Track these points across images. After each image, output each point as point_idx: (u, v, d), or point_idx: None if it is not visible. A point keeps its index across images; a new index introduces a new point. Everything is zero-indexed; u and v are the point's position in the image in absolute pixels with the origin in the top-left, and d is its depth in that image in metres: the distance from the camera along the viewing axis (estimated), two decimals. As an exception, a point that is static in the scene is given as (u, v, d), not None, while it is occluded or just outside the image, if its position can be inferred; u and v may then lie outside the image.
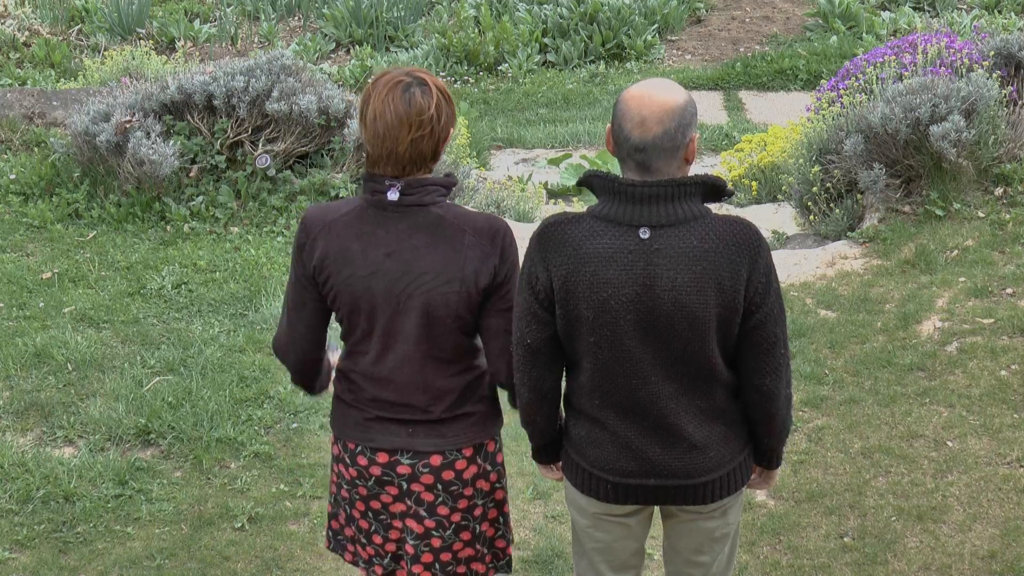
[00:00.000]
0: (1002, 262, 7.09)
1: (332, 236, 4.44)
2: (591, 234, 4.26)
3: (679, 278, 4.22)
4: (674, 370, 4.36)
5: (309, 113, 7.94)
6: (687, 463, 4.41)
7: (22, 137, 8.67)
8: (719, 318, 4.26)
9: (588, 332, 4.33)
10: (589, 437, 4.46)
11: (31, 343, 6.66)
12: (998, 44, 8.13)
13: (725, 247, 4.21)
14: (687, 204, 4.23)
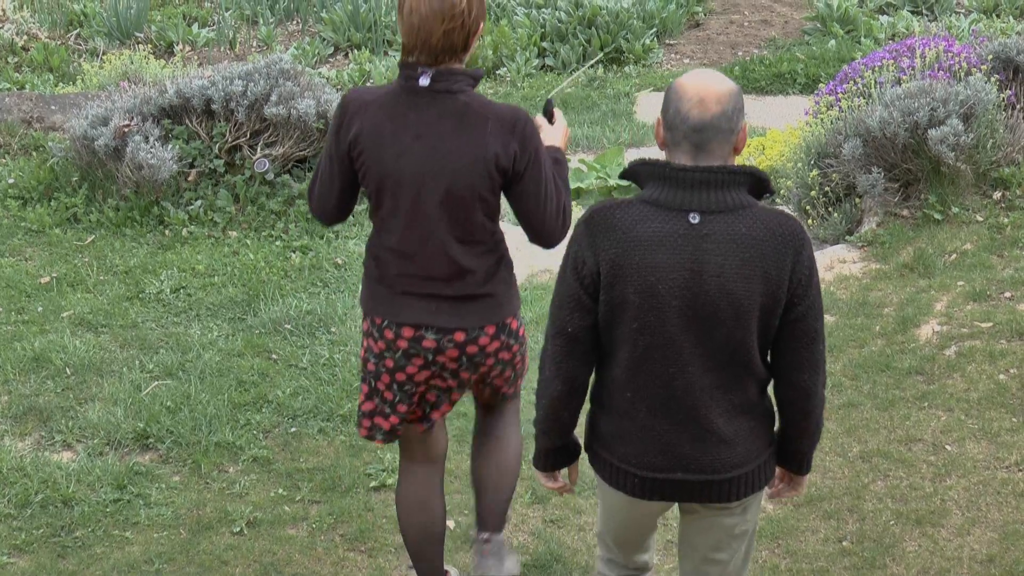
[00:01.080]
0: (1000, 266, 7.10)
1: (367, 116, 4.84)
2: (641, 218, 4.32)
3: (727, 264, 4.29)
4: (712, 360, 4.41)
5: (307, 117, 7.95)
6: (715, 457, 4.44)
7: (20, 141, 8.68)
8: (762, 308, 4.32)
9: (632, 318, 4.37)
10: (618, 432, 4.50)
11: (29, 347, 6.66)
12: (996, 48, 8.13)
13: (772, 237, 4.29)
14: (736, 193, 4.31)
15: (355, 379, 6.42)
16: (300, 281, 7.32)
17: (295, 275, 7.37)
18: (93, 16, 12.86)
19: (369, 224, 5.62)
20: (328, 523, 5.46)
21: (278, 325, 6.91)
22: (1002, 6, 12.68)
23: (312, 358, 6.63)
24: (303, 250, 7.59)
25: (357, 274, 7.33)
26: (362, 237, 7.67)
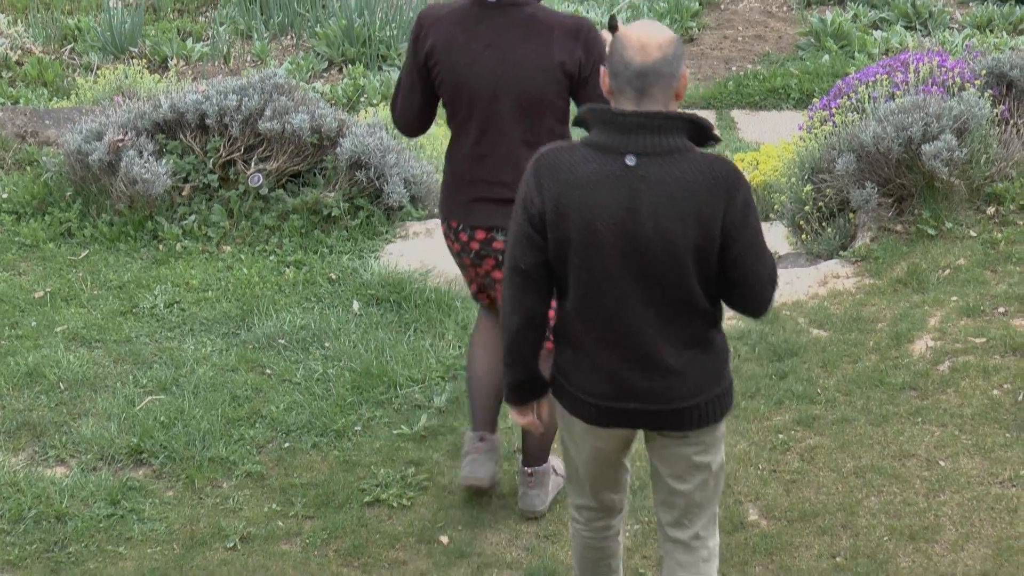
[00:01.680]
0: (994, 281, 7.10)
1: (441, 29, 5.33)
2: (582, 160, 4.58)
3: (661, 205, 4.53)
4: (653, 296, 4.63)
5: (302, 132, 7.96)
6: (664, 388, 4.66)
7: (14, 156, 8.68)
8: (697, 248, 4.54)
9: (575, 255, 4.63)
10: (574, 363, 4.74)
11: (23, 362, 6.66)
12: (990, 63, 8.15)
13: (706, 180, 4.51)
14: (673, 137, 4.53)
15: (349, 394, 6.43)
16: (294, 296, 7.32)
17: (289, 290, 7.38)
18: (87, 31, 12.88)
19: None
20: (322, 538, 5.46)
21: (272, 340, 6.92)
22: (995, 21, 12.72)
23: (306, 373, 6.63)
24: (297, 265, 7.59)
25: (351, 288, 7.34)
26: (355, 253, 7.68)
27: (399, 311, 7.17)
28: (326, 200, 7.89)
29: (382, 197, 7.94)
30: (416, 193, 8.06)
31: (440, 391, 6.50)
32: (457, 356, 6.77)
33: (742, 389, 6.39)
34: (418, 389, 6.52)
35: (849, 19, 12.78)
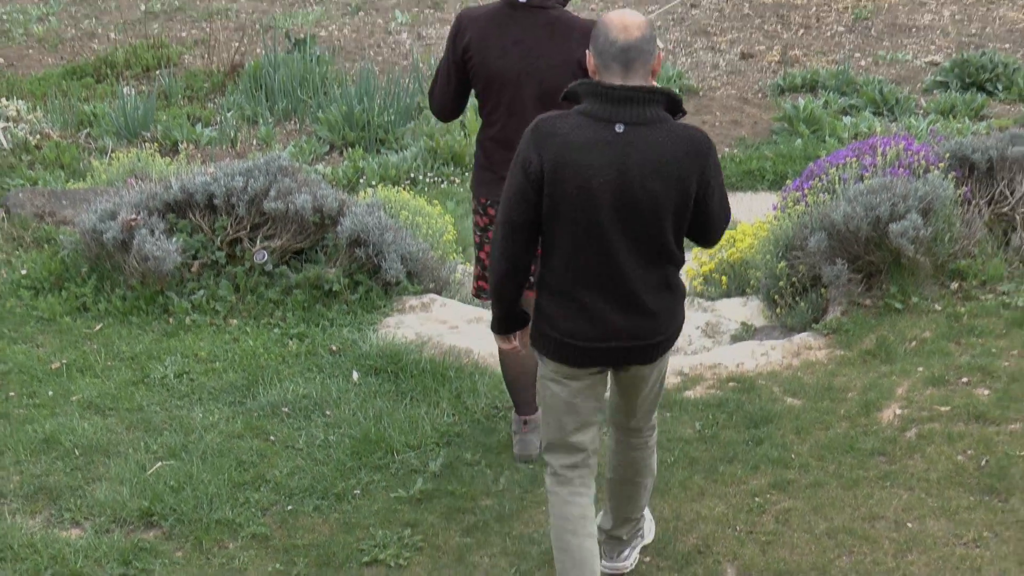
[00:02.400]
0: (958, 352, 7.13)
1: (476, 28, 5.98)
2: (577, 126, 5.04)
3: (646, 167, 5.02)
4: (637, 245, 5.12)
5: (304, 211, 7.99)
6: (641, 327, 5.18)
7: (33, 234, 8.71)
8: (675, 204, 5.08)
9: (571, 208, 5.08)
10: (561, 311, 5.19)
11: (40, 430, 6.67)
12: (953, 147, 8.20)
13: (684, 147, 5.04)
14: (654, 109, 5.04)
15: (348, 460, 6.44)
16: (297, 366, 7.34)
17: (292, 361, 7.39)
18: (102, 117, 12.94)
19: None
20: (323, 597, 5.47)
21: (276, 408, 6.93)
22: (958, 108, 12.80)
23: (308, 439, 6.64)
24: (300, 337, 7.61)
25: (351, 359, 7.36)
26: (354, 326, 7.70)
27: (396, 381, 7.19)
28: (327, 276, 7.92)
29: (380, 273, 7.97)
30: (412, 269, 8.09)
31: (435, 456, 6.50)
32: (451, 423, 6.79)
33: (720, 454, 6.41)
34: (414, 455, 6.53)
35: (820, 105, 12.85)
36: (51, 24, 15.63)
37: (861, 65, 14.21)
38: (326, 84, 13.59)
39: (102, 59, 14.62)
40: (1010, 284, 7.64)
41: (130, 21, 15.77)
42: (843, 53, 14.50)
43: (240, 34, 15.17)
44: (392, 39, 15.13)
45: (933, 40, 14.67)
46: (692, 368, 7.27)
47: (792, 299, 7.83)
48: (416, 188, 11.22)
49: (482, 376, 7.21)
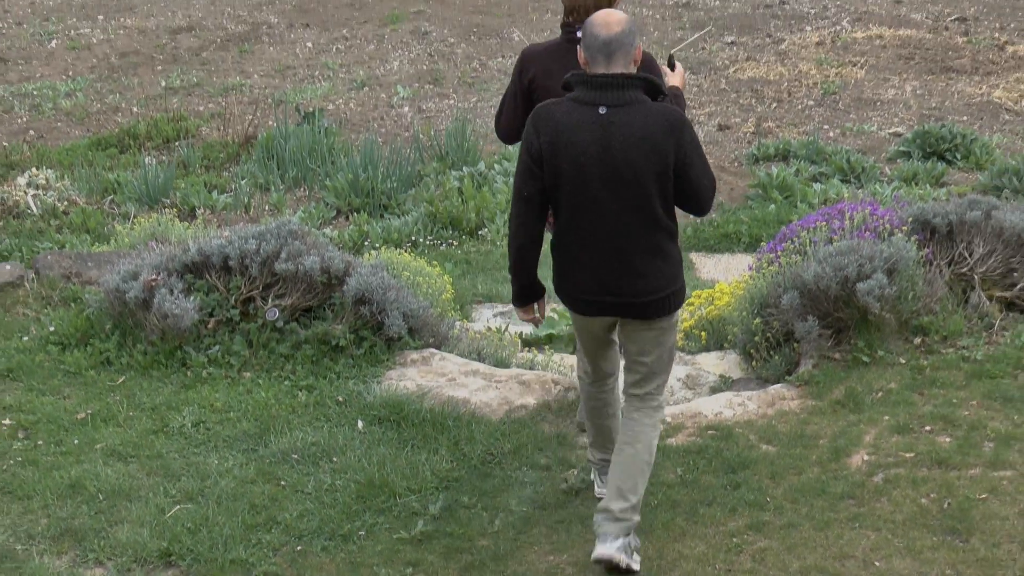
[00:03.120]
0: (921, 403, 7.14)
1: (540, 62, 6.53)
2: (567, 111, 5.64)
3: (627, 142, 5.56)
4: (626, 214, 5.65)
5: (313, 272, 8.01)
6: (633, 286, 5.73)
7: (61, 294, 8.72)
8: (656, 174, 5.59)
9: (566, 182, 5.65)
10: (568, 268, 5.84)
11: (67, 476, 6.66)
12: (915, 211, 8.23)
13: (659, 125, 5.57)
14: (633, 92, 5.59)
15: (354, 503, 6.44)
16: (306, 416, 7.33)
17: (301, 411, 7.39)
18: (125, 184, 12.98)
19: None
20: (330, 631, 5.45)
21: (286, 455, 6.92)
22: (920, 175, 12.86)
23: (316, 484, 6.64)
24: (308, 389, 7.62)
25: (356, 409, 7.36)
26: (359, 378, 7.70)
27: (398, 429, 7.19)
28: (334, 332, 7.93)
29: (383, 329, 7.98)
30: (413, 325, 8.09)
31: (435, 500, 6.50)
32: (449, 469, 6.79)
33: (700, 498, 6.41)
34: (415, 498, 6.53)
35: (792, 173, 12.90)
36: (78, 99, 15.69)
37: (830, 136, 14.28)
38: (333, 154, 13.63)
39: (125, 131, 14.66)
40: (969, 339, 7.66)
41: (151, 96, 15.83)
42: (813, 125, 14.57)
43: (253, 108, 15.24)
44: (394, 112, 15.20)
45: (896, 113, 14.75)
46: (674, 417, 7.28)
47: (767, 353, 7.84)
48: (417, 250, 11.25)
49: (478, 425, 7.22)
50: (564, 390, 7.62)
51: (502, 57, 16.32)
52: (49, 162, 13.68)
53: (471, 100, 15.18)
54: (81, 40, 17.24)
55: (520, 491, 6.62)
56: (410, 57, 16.37)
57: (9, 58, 16.78)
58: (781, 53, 16.38)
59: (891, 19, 17.03)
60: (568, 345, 8.91)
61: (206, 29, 17.49)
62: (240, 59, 16.67)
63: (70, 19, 17.81)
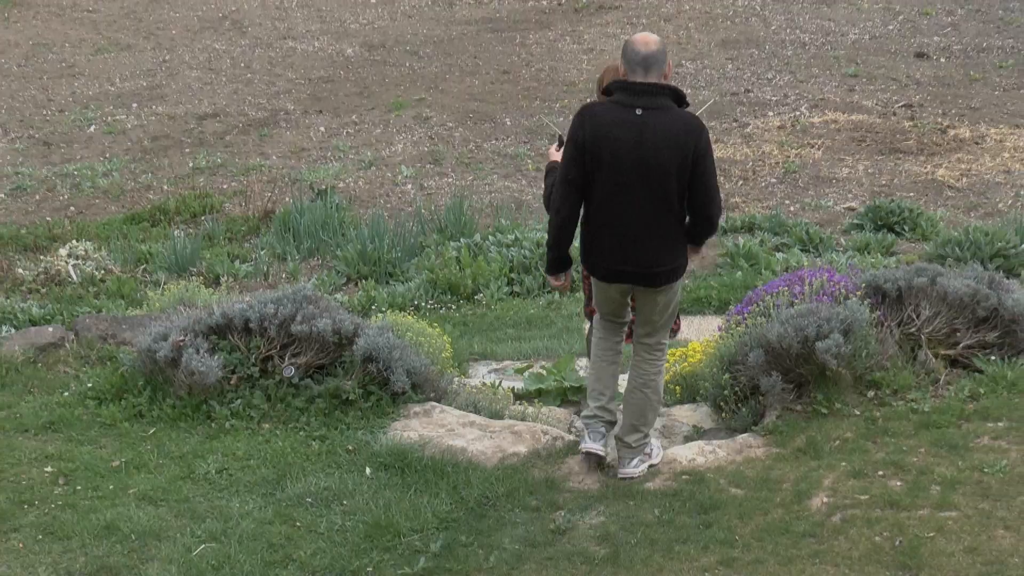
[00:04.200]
0: (874, 450, 7.15)
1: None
2: (609, 111, 6.40)
3: (657, 140, 6.31)
4: (648, 199, 6.44)
5: (325, 333, 8.02)
6: (644, 259, 6.59)
7: (98, 353, 8.73)
8: (677, 168, 6.35)
9: (604, 168, 6.40)
10: (596, 242, 6.63)
11: (102, 518, 6.65)
12: (868, 278, 8.25)
13: (682, 127, 6.35)
14: (663, 99, 6.37)
15: (362, 542, 6.43)
16: (319, 463, 7.33)
17: (315, 458, 7.39)
18: (156, 255, 13.01)
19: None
20: (341, 659, 5.43)
21: (301, 499, 6.91)
22: (872, 245, 12.91)
23: (328, 525, 6.63)
24: (321, 439, 7.62)
25: (364, 457, 7.35)
26: (367, 429, 7.70)
27: (403, 475, 7.18)
28: (344, 387, 7.94)
29: (389, 384, 7.98)
30: (416, 381, 8.10)
31: (435, 539, 6.49)
32: (449, 511, 6.77)
33: (676, 536, 6.40)
34: (418, 538, 6.52)
35: (757, 243, 12.94)
36: (114, 179, 15.74)
37: (790, 210, 14.35)
38: (344, 227, 13.68)
39: (157, 207, 14.70)
40: (917, 393, 7.67)
41: (180, 176, 15.89)
42: (775, 200, 14.64)
43: (272, 186, 15.30)
44: (399, 189, 15.26)
45: (850, 189, 14.82)
46: (652, 464, 7.27)
47: (735, 405, 7.85)
48: (419, 313, 11.26)
49: (475, 471, 7.21)
50: (552, 439, 7.62)
51: (495, 140, 16.41)
52: (88, 235, 13.71)
53: (468, 179, 15.25)
54: (117, 125, 17.31)
55: (512, 530, 6.61)
56: (413, 140, 16.45)
57: (52, 142, 16.84)
58: (747, 136, 16.48)
59: (845, 105, 17.15)
60: (556, 399, 8.91)
61: (229, 115, 17.58)
62: (260, 142, 16.75)
63: (107, 107, 17.90)
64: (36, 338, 9.04)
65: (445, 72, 18.66)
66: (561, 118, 16.14)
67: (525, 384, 9.11)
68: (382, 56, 19.43)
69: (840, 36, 19.31)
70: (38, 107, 17.92)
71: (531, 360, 10.06)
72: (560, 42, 19.41)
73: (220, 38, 20.27)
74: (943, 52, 18.71)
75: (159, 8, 21.83)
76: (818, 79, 17.98)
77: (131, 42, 20.31)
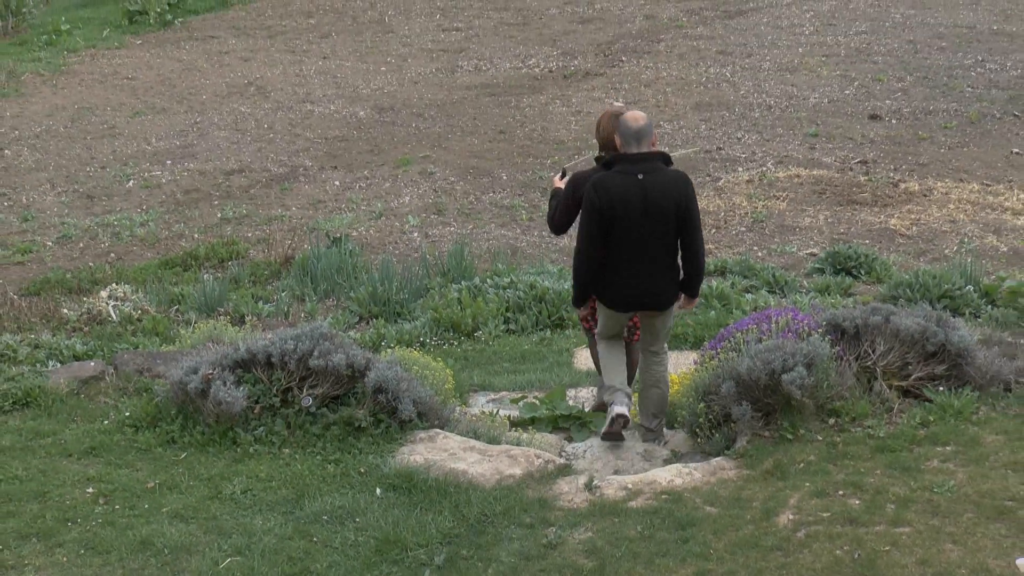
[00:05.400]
0: (835, 472, 7.14)
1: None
2: (616, 179, 7.39)
3: (657, 195, 7.39)
4: (653, 245, 7.50)
5: (340, 367, 8.03)
6: (653, 290, 7.70)
7: (135, 385, 8.73)
8: (674, 213, 7.41)
9: (619, 224, 7.42)
10: (614, 281, 7.67)
11: (138, 534, 6.64)
12: (828, 316, 8.26)
13: (675, 183, 7.44)
14: (656, 163, 7.42)
15: (373, 556, 6.42)
16: (334, 484, 7.32)
17: (330, 480, 7.38)
18: (188, 297, 13.01)
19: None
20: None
21: (318, 516, 6.90)
22: (831, 287, 12.93)
23: (342, 540, 6.61)
24: (336, 462, 7.61)
25: (375, 479, 7.34)
26: (378, 453, 7.69)
27: (409, 495, 7.17)
28: (357, 416, 7.93)
29: (397, 413, 7.97)
30: (421, 410, 8.09)
31: (439, 553, 6.48)
32: (451, 527, 6.76)
33: (656, 550, 6.39)
34: (423, 552, 6.50)
35: (728, 286, 12.95)
36: (150, 228, 15.76)
37: (758, 256, 14.37)
38: (356, 271, 13.68)
39: (188, 254, 14.71)
40: (873, 420, 7.67)
41: (209, 225, 15.92)
42: (745, 247, 14.67)
43: (292, 234, 15.31)
44: (406, 237, 15.29)
45: (812, 237, 14.86)
46: (634, 484, 7.27)
47: (709, 431, 7.85)
48: (424, 348, 11.26)
49: (474, 491, 7.20)
50: (545, 462, 7.61)
51: (493, 192, 16.46)
52: (127, 279, 13.71)
53: (468, 227, 15.29)
54: (153, 180, 17.36)
55: (509, 545, 6.59)
56: (418, 193, 16.49)
57: (95, 195, 16.88)
58: (719, 189, 16.53)
59: (807, 162, 17.22)
60: (547, 426, 8.90)
61: (254, 171, 17.63)
62: (281, 195, 16.78)
63: (144, 164, 17.95)
64: (79, 372, 9.05)
65: (447, 132, 18.73)
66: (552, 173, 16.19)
67: (520, 413, 9.10)
68: (391, 118, 19.50)
69: (802, 100, 19.43)
70: (83, 164, 17.97)
71: (525, 391, 10.05)
72: (551, 105, 19.52)
73: (246, 102, 20.35)
74: (894, 114, 18.82)
75: (191, 76, 21.93)
76: (782, 138, 18.06)
77: (166, 106, 20.40)
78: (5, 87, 21.50)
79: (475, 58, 22.07)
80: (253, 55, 22.89)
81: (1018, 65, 20.65)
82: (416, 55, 22.46)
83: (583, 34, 23.07)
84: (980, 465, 6.99)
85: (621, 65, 21.14)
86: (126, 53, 23.63)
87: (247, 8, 26.10)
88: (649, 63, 21.14)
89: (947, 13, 23.29)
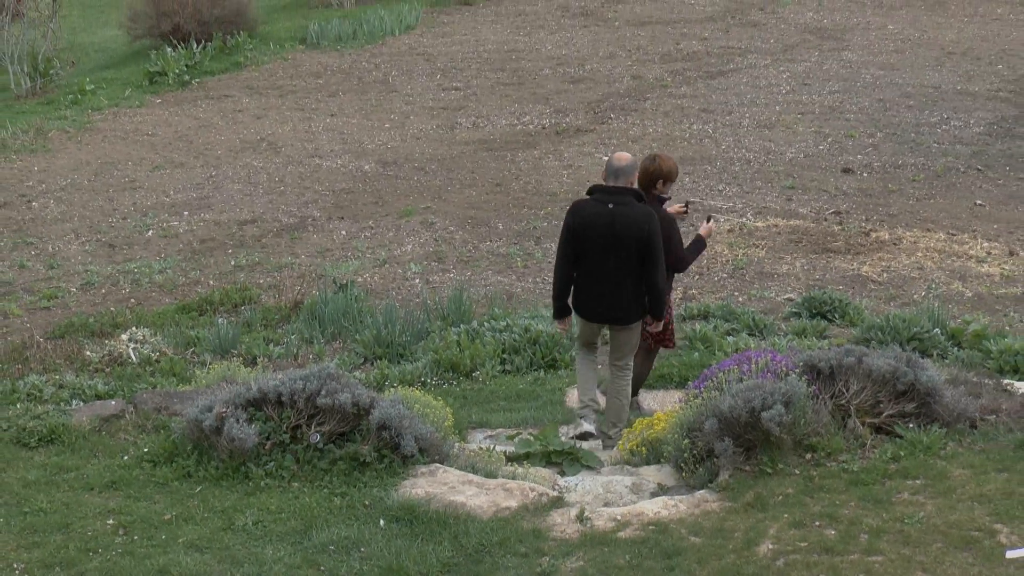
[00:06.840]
0: (812, 504, 7.15)
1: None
2: (590, 206, 8.19)
3: (624, 224, 8.07)
4: (618, 265, 8.15)
5: (346, 405, 8.04)
6: (617, 307, 8.36)
7: (153, 423, 8.73)
8: (636, 241, 8.08)
9: (589, 246, 8.15)
10: (585, 295, 8.45)
11: (156, 563, 6.63)
12: (805, 358, 8.30)
13: (639, 215, 8.10)
14: (628, 197, 8.13)
15: (377, 584, 6.39)
16: (340, 516, 7.31)
17: (337, 512, 7.37)
18: (203, 339, 13.01)
19: None
20: None
21: (325, 546, 6.89)
22: (808, 330, 12.94)
23: (348, 569, 6.60)
24: (342, 495, 7.60)
25: (379, 511, 7.33)
26: (381, 487, 7.68)
27: (411, 526, 7.17)
28: (362, 451, 7.93)
29: (400, 449, 7.97)
30: (423, 446, 8.09)
31: (439, 581, 6.47)
32: (450, 556, 6.75)
33: (644, 578, 6.37)
34: (424, 580, 6.49)
35: (711, 329, 12.97)
36: (168, 275, 15.79)
37: (739, 300, 14.41)
38: (361, 315, 13.68)
39: (203, 299, 14.72)
40: (847, 455, 7.68)
41: (223, 272, 15.95)
42: (726, 292, 14.71)
43: (301, 281, 15.34)
44: (408, 283, 15.32)
45: (789, 283, 14.90)
46: (623, 516, 7.27)
47: (694, 466, 7.85)
48: (425, 388, 11.26)
49: (472, 522, 7.19)
50: (539, 495, 7.61)
51: (490, 241, 16.52)
52: (146, 322, 13.72)
53: (467, 274, 15.33)
54: (171, 230, 17.42)
55: (505, 574, 6.59)
56: (420, 242, 16.55)
57: (116, 244, 16.93)
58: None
59: (784, 212, 17.31)
60: (541, 461, 8.90)
61: (265, 221, 17.69)
62: (291, 244, 16.83)
63: (162, 215, 18.02)
64: (101, 410, 9.05)
65: (447, 185, 18.82)
66: (545, 224, 16.28)
67: (515, 448, 9.10)
68: (394, 171, 19.60)
69: (779, 155, 19.55)
70: (105, 215, 18.03)
71: (520, 428, 10.05)
72: (544, 159, 19.63)
73: (258, 157, 20.45)
74: (866, 168, 18.94)
75: (207, 133, 22.03)
76: (761, 191, 18.16)
77: (183, 160, 20.49)
78: (33, 143, 21.59)
79: (473, 115, 22.21)
80: (265, 113, 23.01)
81: (980, 123, 20.82)
82: (418, 113, 22.60)
83: (574, 93, 23.24)
84: (948, 497, 7.00)
85: (610, 122, 21.28)
86: (146, 111, 23.76)
87: (260, 69, 26.27)
88: (636, 120, 21.28)
89: (914, 74, 23.49)
